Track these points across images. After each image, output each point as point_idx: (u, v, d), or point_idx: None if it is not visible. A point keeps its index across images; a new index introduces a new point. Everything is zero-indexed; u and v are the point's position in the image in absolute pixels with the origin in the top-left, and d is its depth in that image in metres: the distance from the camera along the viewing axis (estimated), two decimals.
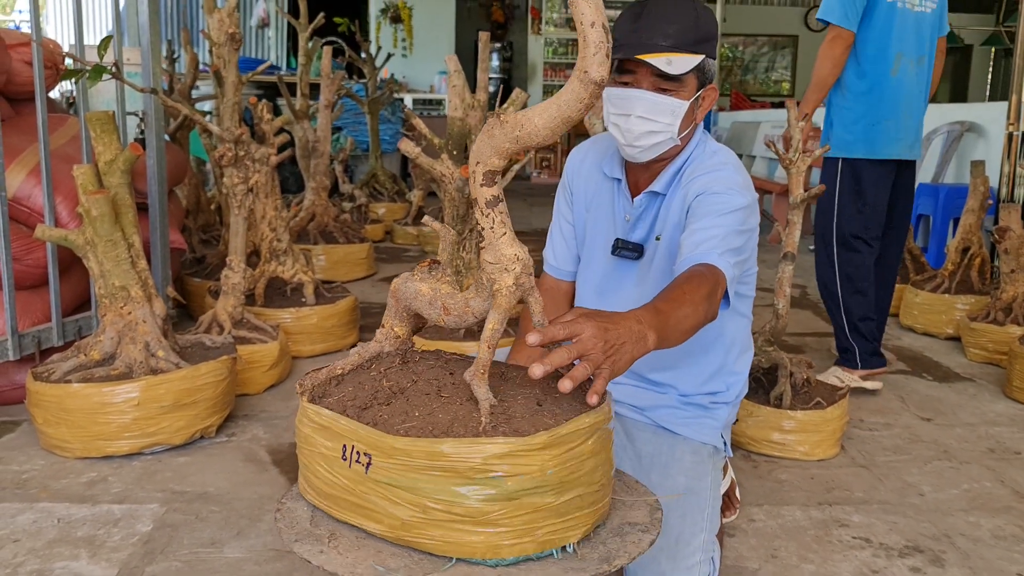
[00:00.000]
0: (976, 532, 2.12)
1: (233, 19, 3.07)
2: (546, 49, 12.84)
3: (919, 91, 3.10)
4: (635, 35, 1.62)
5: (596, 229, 1.89)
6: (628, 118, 1.66)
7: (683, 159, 1.76)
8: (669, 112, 1.65)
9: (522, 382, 1.27)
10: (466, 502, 1.10)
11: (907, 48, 3.04)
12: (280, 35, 12.12)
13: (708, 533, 1.63)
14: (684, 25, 1.61)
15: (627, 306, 1.70)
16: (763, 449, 2.56)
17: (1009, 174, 4.58)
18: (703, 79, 1.68)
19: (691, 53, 1.62)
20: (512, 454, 1.09)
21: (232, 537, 1.99)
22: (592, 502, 1.19)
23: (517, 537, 1.12)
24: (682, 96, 1.65)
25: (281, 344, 3.06)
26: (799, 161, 2.68)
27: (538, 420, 1.15)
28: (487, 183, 1.13)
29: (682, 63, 1.61)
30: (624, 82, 1.67)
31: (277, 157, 3.38)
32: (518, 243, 1.16)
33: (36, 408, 2.40)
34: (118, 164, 2.49)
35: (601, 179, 1.88)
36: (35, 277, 2.81)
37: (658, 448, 1.77)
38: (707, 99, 1.73)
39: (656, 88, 1.64)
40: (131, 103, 3.38)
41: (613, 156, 1.85)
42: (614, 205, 1.85)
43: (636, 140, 1.68)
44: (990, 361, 3.55)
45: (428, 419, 1.15)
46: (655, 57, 1.60)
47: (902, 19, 3.01)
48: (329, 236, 4.97)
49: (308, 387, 1.27)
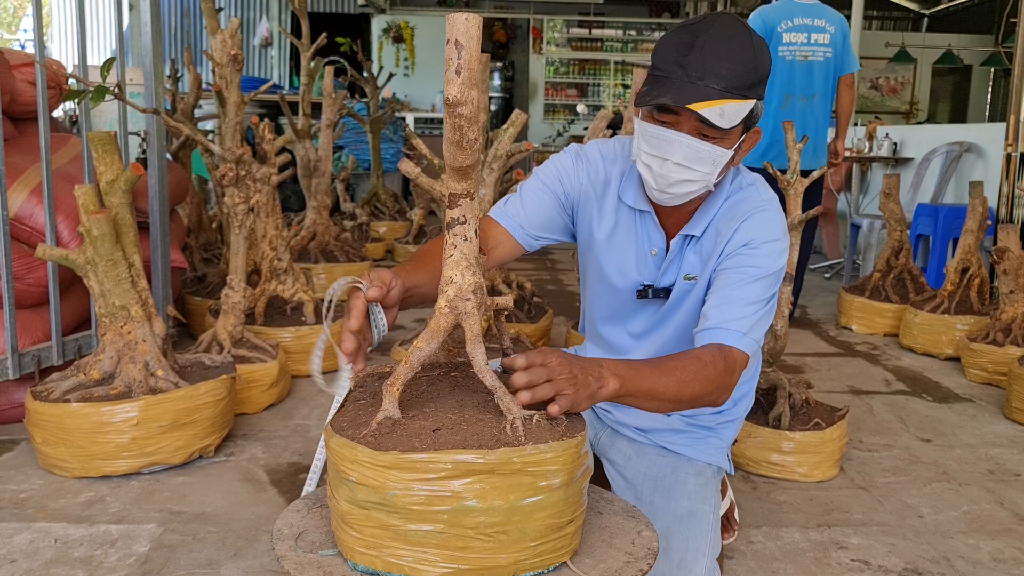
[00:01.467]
0: (976, 555, 2.12)
1: (235, 40, 3.10)
2: (547, 68, 12.91)
3: (810, 119, 4.28)
4: (683, 71, 1.42)
5: (614, 259, 1.72)
6: (664, 163, 1.49)
7: (720, 199, 1.63)
8: (710, 162, 1.49)
9: (459, 412, 1.24)
10: (337, 503, 1.18)
11: (795, 89, 4.25)
12: (283, 54, 12.21)
13: (710, 558, 1.60)
14: (741, 66, 1.43)
15: (646, 340, 1.72)
16: (762, 470, 2.56)
17: (1008, 194, 4.59)
18: (749, 123, 1.51)
19: (744, 99, 1.44)
20: (361, 463, 1.13)
21: (229, 558, 1.99)
22: (460, 547, 1.12)
23: (367, 548, 1.15)
24: (726, 145, 1.49)
25: (281, 363, 3.07)
26: (796, 182, 2.69)
27: (415, 442, 1.14)
28: (450, 205, 1.18)
29: (735, 113, 1.43)
30: (663, 121, 1.48)
31: (278, 176, 3.41)
32: (464, 268, 1.19)
33: (35, 427, 2.40)
34: (119, 184, 2.50)
35: (617, 203, 1.70)
36: (36, 296, 2.82)
37: (661, 471, 1.74)
38: (749, 141, 1.57)
39: (698, 134, 1.46)
40: (133, 123, 3.41)
41: (634, 185, 1.67)
42: (639, 236, 1.69)
43: (669, 187, 1.53)
44: (990, 382, 3.55)
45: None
46: (707, 107, 1.41)
47: (790, 68, 4.23)
48: (330, 255, 4.98)
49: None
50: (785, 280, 2.66)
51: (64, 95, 2.99)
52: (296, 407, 3.07)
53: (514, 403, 1.18)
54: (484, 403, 1.23)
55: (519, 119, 2.95)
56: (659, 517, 1.60)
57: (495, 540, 1.12)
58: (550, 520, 1.15)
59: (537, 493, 1.13)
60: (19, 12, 15.61)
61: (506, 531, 1.12)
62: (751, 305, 1.49)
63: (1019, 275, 3.54)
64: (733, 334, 1.45)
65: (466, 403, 1.24)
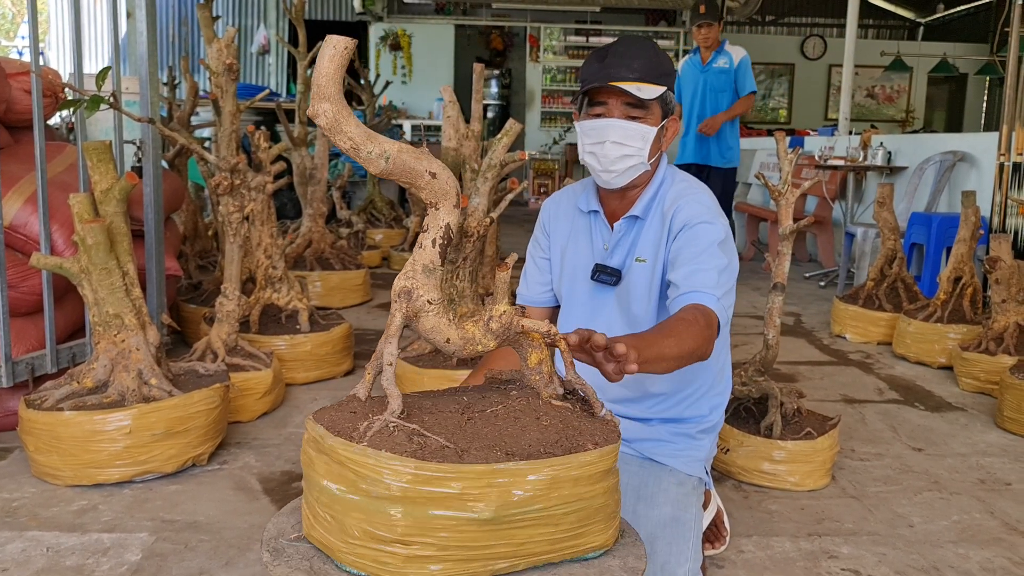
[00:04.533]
0: (965, 564, 2.12)
1: (231, 49, 3.11)
2: (544, 76, 12.95)
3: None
4: (604, 70, 1.76)
5: (576, 261, 1.97)
6: (603, 144, 1.78)
7: (657, 184, 1.89)
8: (640, 137, 1.78)
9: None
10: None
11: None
12: (280, 62, 12.23)
13: (693, 563, 1.67)
14: (647, 61, 1.77)
15: (609, 331, 1.80)
16: (753, 479, 2.57)
17: (1000, 204, 4.61)
18: (666, 110, 1.82)
19: (656, 84, 1.76)
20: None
21: (221, 567, 1.99)
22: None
23: None
24: (650, 123, 1.79)
25: (275, 371, 3.07)
26: (788, 192, 2.70)
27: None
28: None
29: (650, 90, 1.75)
30: (597, 113, 1.79)
31: (274, 185, 3.42)
32: (408, 276, 1.24)
33: (28, 435, 2.40)
34: (114, 193, 2.51)
35: (577, 215, 1.98)
36: (30, 304, 2.82)
37: (644, 480, 1.80)
38: (670, 129, 1.86)
39: (626, 116, 1.77)
40: (129, 131, 3.42)
41: (588, 192, 1.96)
42: (592, 235, 1.95)
43: (612, 165, 1.79)
44: (982, 391, 3.56)
45: None
46: (626, 84, 1.73)
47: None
48: (325, 262, 4.99)
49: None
50: (776, 290, 2.67)
51: (60, 104, 3.00)
52: (290, 415, 3.07)
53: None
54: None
55: (513, 129, 2.96)
56: (643, 525, 1.66)
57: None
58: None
59: None
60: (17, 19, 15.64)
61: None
62: (714, 271, 1.71)
63: (1011, 285, 3.56)
64: (709, 297, 1.67)
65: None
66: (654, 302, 1.84)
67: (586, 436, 1.25)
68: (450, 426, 1.24)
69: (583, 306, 1.96)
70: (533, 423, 1.26)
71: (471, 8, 13.04)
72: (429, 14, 12.80)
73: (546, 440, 1.22)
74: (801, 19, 14.16)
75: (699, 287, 1.68)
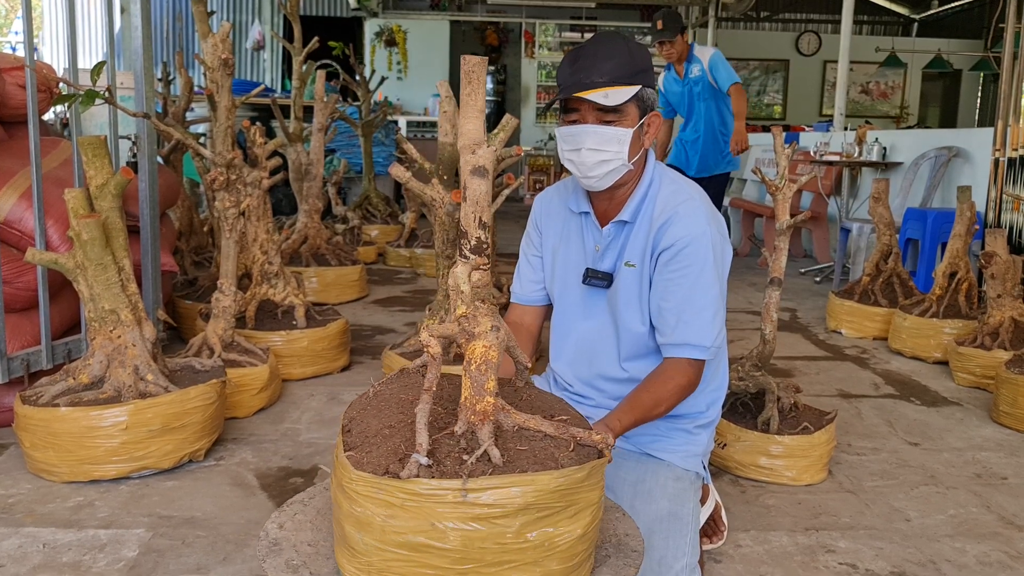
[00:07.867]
0: (962, 558, 2.13)
1: (226, 44, 3.10)
2: (539, 72, 12.95)
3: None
4: (574, 76, 1.76)
5: (568, 262, 1.97)
6: (579, 152, 1.77)
7: (645, 185, 1.87)
8: (616, 141, 1.77)
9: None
10: None
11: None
12: (275, 57, 12.18)
13: (690, 557, 1.68)
14: (618, 61, 1.75)
15: (601, 333, 1.93)
16: (750, 474, 2.57)
17: (995, 199, 4.62)
18: (644, 107, 1.80)
19: (628, 85, 1.75)
20: None
21: (218, 563, 1.99)
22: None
23: None
24: (625, 124, 1.77)
25: (271, 367, 3.07)
26: (785, 188, 2.70)
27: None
28: None
29: (618, 95, 1.74)
30: (572, 120, 1.79)
31: (269, 180, 3.41)
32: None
33: (24, 432, 2.40)
34: (109, 188, 2.50)
35: (568, 215, 1.98)
36: (25, 300, 2.81)
37: (641, 475, 1.81)
38: (651, 125, 1.84)
39: (600, 121, 1.76)
40: (124, 126, 3.40)
41: (578, 192, 1.95)
42: (584, 237, 1.95)
43: (590, 171, 1.79)
44: (977, 385, 3.57)
45: None
46: (592, 93, 1.72)
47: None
48: (321, 258, 4.98)
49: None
50: (773, 284, 2.67)
51: (54, 99, 2.98)
52: (286, 411, 3.07)
53: None
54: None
55: (509, 124, 2.93)
56: (641, 519, 1.67)
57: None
58: None
59: None
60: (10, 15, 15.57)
61: None
62: (707, 310, 1.75)
63: (1006, 279, 3.56)
64: (699, 349, 1.74)
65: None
66: (644, 305, 1.85)
67: None
68: None
69: (576, 307, 1.97)
70: None
71: (466, 4, 13.01)
72: (424, 10, 12.77)
73: None
74: (796, 15, 14.17)
75: (691, 339, 1.74)
